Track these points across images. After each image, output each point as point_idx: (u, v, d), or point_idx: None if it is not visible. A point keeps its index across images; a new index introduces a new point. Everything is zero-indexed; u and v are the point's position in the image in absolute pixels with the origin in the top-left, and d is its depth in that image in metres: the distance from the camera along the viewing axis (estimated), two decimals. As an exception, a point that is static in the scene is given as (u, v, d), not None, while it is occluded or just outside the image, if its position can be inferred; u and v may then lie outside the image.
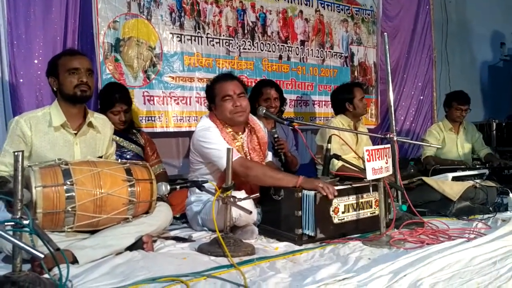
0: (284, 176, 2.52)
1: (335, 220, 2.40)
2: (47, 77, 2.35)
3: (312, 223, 2.32)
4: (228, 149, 2.25)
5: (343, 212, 2.43)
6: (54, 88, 2.32)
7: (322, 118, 4.54)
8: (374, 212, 2.54)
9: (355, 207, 2.48)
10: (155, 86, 3.56)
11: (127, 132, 3.17)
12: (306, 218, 2.34)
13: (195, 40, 3.75)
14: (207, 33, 3.81)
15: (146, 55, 3.51)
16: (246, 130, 2.82)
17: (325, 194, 2.32)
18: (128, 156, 3.04)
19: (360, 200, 2.50)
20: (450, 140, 4.32)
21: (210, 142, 2.59)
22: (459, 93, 4.40)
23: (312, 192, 2.32)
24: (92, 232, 2.09)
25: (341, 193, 2.42)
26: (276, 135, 3.19)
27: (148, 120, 3.53)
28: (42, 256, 1.46)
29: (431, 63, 5.54)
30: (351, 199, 2.47)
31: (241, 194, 2.37)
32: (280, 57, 4.27)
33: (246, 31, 4.04)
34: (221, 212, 2.30)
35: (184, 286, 1.68)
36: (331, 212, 2.39)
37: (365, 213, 2.52)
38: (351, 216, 2.47)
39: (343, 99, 3.63)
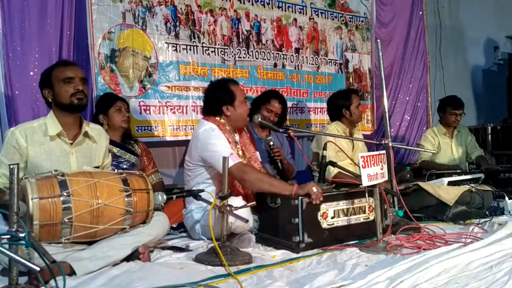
0: (280, 183, 2.53)
1: (324, 225, 2.42)
2: (41, 90, 2.36)
3: (300, 228, 2.33)
4: (224, 158, 2.26)
5: (332, 217, 2.44)
6: (49, 99, 2.33)
7: (318, 125, 4.56)
8: (368, 218, 2.55)
9: (346, 212, 2.50)
10: (151, 95, 3.58)
11: (123, 142, 3.17)
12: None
13: (190, 49, 3.77)
14: (202, 42, 3.83)
15: (142, 65, 3.53)
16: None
17: (310, 199, 2.34)
18: (124, 166, 3.03)
19: (352, 206, 2.51)
20: (444, 145, 4.33)
21: (214, 144, 2.59)
22: (453, 97, 4.41)
23: (299, 198, 2.34)
24: (90, 243, 2.08)
25: (329, 199, 2.43)
26: (271, 143, 3.19)
27: (144, 129, 3.54)
28: (38, 269, 1.45)
29: (425, 69, 5.57)
30: (341, 205, 2.48)
31: (238, 201, 2.38)
32: (275, 65, 4.29)
33: (241, 40, 4.07)
34: (218, 221, 2.30)
35: (181, 296, 1.68)
36: (319, 217, 2.40)
37: (358, 218, 2.53)
38: (341, 221, 2.48)
39: (340, 105, 3.64)
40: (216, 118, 2.78)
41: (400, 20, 5.34)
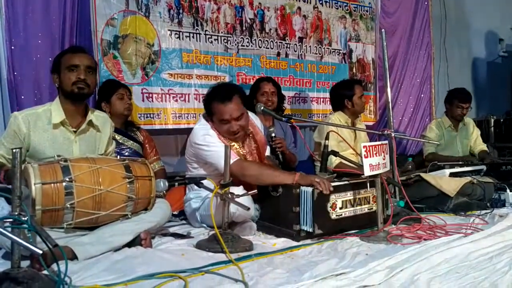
0: (281, 173, 2.52)
1: (333, 216, 2.41)
2: (51, 74, 2.35)
3: (310, 219, 2.33)
4: (226, 146, 2.26)
5: (340, 208, 2.44)
6: (56, 85, 2.34)
7: (320, 115, 4.55)
8: (372, 208, 2.55)
9: (352, 203, 2.49)
10: (154, 83, 3.57)
11: (126, 129, 3.18)
12: (304, 214, 2.35)
13: (193, 37, 3.75)
14: (206, 30, 3.81)
15: (145, 52, 3.51)
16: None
17: (320, 189, 2.32)
18: (126, 153, 3.04)
19: (358, 196, 2.51)
20: (449, 137, 4.28)
21: (210, 144, 2.58)
22: (461, 90, 4.32)
23: (310, 188, 2.33)
24: (92, 229, 2.09)
25: (338, 189, 2.43)
26: (273, 134, 3.19)
27: (146, 117, 3.54)
28: (41, 252, 1.46)
29: (429, 60, 5.55)
30: (349, 195, 2.48)
31: (239, 190, 2.38)
32: (278, 54, 4.27)
33: (244, 28, 4.04)
34: (219, 208, 2.31)
35: (182, 282, 1.69)
36: (329, 208, 2.40)
37: (363, 209, 2.53)
38: (348, 212, 2.48)
39: (342, 95, 3.63)
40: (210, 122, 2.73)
41: (405, 10, 5.31)
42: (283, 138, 3.41)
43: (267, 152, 3.00)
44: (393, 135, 2.76)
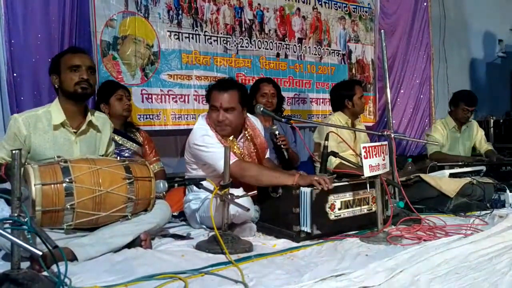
0: (281, 174, 2.52)
1: (332, 217, 2.41)
2: (50, 75, 2.34)
3: (308, 219, 2.32)
4: (226, 148, 2.26)
5: (339, 209, 2.44)
6: (56, 86, 2.32)
7: (320, 115, 4.55)
8: (371, 209, 2.55)
9: (351, 203, 2.49)
10: (153, 84, 3.57)
11: (125, 130, 3.17)
12: (303, 215, 2.34)
13: (192, 38, 3.75)
14: (205, 31, 3.82)
15: (144, 53, 3.52)
16: (242, 136, 2.80)
17: (320, 187, 2.32)
18: (126, 155, 3.04)
19: (357, 197, 2.51)
20: (452, 138, 4.26)
21: (208, 145, 2.58)
22: (468, 93, 4.30)
23: (309, 189, 2.33)
24: (92, 230, 2.09)
25: (337, 190, 2.42)
26: (276, 132, 3.19)
27: (146, 118, 3.54)
28: (40, 253, 1.46)
29: (428, 60, 5.56)
30: (348, 196, 2.47)
31: (239, 191, 2.38)
32: (278, 55, 4.28)
33: (243, 29, 4.05)
34: (219, 209, 2.31)
35: (182, 283, 1.68)
36: (327, 209, 2.39)
37: (362, 209, 2.53)
38: (347, 212, 2.48)
39: (343, 96, 3.63)
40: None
41: (404, 11, 5.32)
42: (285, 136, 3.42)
43: (267, 154, 3.00)
44: (392, 136, 2.76)
